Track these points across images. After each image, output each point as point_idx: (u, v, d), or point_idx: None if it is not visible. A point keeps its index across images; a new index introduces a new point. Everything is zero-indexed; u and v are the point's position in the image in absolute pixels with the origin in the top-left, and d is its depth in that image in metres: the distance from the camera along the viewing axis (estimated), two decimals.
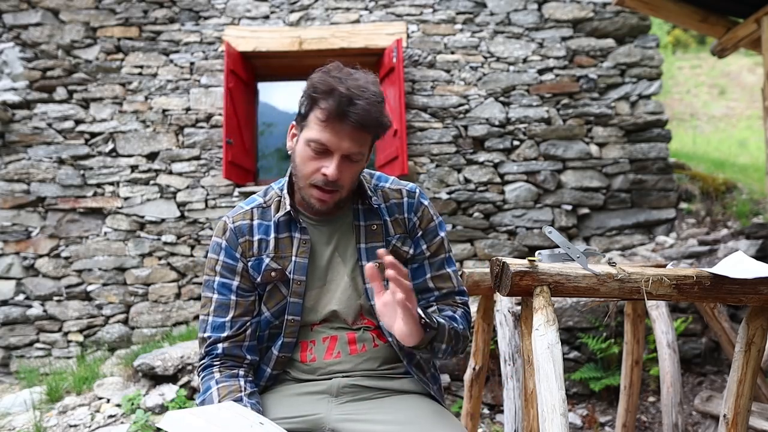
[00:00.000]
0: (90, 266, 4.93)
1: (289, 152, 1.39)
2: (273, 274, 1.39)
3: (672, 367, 2.19)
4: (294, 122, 1.37)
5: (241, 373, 1.38)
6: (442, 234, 1.48)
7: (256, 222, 1.42)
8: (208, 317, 1.40)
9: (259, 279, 1.40)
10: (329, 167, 1.28)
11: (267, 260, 1.39)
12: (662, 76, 5.24)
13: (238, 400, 1.29)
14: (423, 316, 1.26)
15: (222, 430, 1.06)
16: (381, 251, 1.20)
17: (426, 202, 1.48)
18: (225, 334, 1.38)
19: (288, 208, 1.39)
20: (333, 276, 1.42)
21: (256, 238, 1.41)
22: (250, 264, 1.40)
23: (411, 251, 1.45)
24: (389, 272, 1.16)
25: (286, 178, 1.43)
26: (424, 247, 1.46)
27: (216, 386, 1.33)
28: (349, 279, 1.41)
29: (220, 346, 1.38)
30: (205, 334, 1.40)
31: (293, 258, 1.39)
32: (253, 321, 1.41)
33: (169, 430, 1.03)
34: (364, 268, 1.22)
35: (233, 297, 1.39)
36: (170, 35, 5.14)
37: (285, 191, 1.41)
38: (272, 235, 1.40)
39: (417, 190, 1.49)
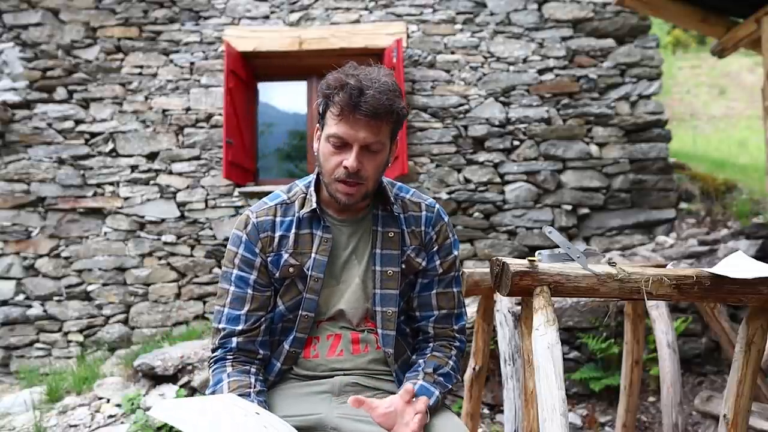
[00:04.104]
0: (90, 266, 4.94)
1: (315, 153, 1.41)
2: (291, 269, 1.41)
3: (672, 367, 2.19)
4: (317, 125, 1.41)
5: (253, 370, 1.39)
6: (456, 253, 1.51)
7: (278, 218, 1.44)
8: (224, 309, 1.41)
9: (277, 274, 1.41)
10: (349, 159, 1.31)
11: (286, 256, 1.41)
12: (662, 76, 5.23)
13: (246, 395, 1.30)
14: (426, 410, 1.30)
15: (212, 417, 1.05)
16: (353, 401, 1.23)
17: (446, 219, 1.51)
18: (240, 328, 1.39)
19: (314, 205, 1.41)
20: (346, 277, 1.44)
21: (277, 234, 1.42)
22: (269, 259, 1.41)
23: (424, 263, 1.46)
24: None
25: (314, 176, 1.46)
26: (438, 262, 1.47)
27: (227, 379, 1.34)
28: (360, 281, 1.43)
29: (234, 340, 1.39)
30: (220, 325, 1.41)
31: (312, 255, 1.41)
32: (267, 316, 1.42)
33: (159, 419, 1.03)
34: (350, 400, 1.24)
35: (250, 291, 1.40)
36: (170, 35, 5.14)
37: (312, 188, 1.43)
38: (293, 231, 1.42)
39: (436, 206, 1.51)
